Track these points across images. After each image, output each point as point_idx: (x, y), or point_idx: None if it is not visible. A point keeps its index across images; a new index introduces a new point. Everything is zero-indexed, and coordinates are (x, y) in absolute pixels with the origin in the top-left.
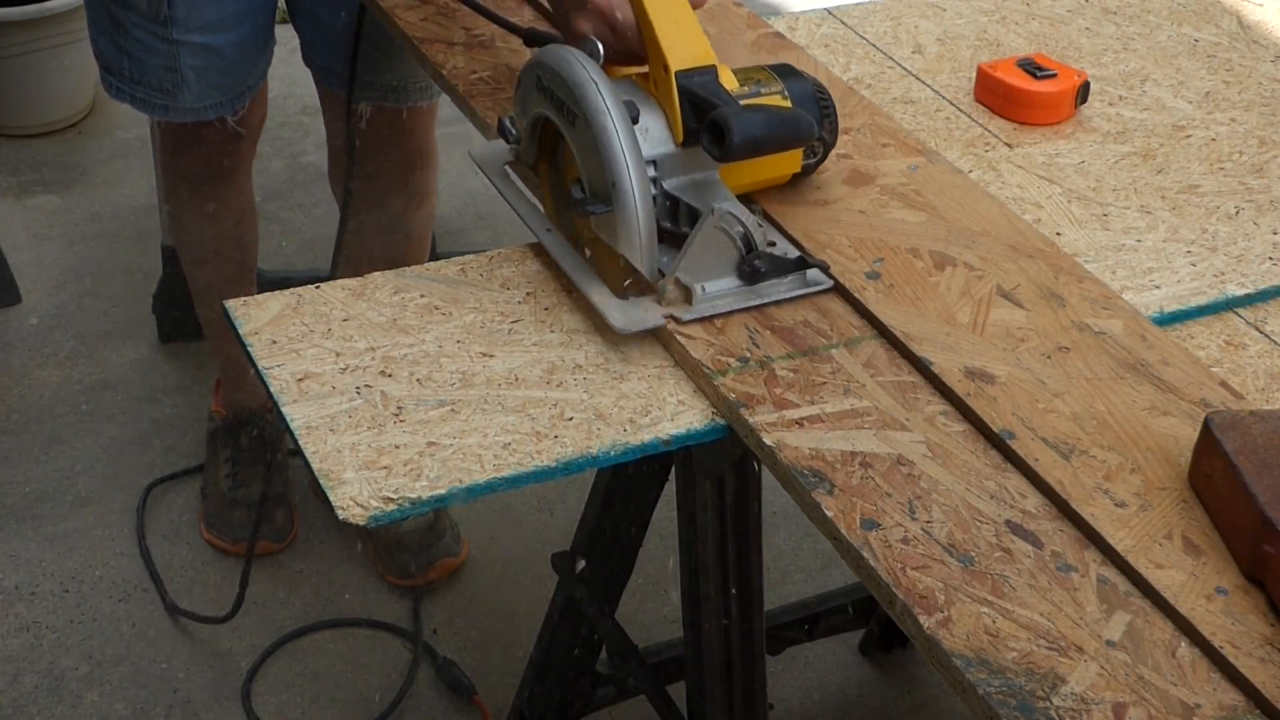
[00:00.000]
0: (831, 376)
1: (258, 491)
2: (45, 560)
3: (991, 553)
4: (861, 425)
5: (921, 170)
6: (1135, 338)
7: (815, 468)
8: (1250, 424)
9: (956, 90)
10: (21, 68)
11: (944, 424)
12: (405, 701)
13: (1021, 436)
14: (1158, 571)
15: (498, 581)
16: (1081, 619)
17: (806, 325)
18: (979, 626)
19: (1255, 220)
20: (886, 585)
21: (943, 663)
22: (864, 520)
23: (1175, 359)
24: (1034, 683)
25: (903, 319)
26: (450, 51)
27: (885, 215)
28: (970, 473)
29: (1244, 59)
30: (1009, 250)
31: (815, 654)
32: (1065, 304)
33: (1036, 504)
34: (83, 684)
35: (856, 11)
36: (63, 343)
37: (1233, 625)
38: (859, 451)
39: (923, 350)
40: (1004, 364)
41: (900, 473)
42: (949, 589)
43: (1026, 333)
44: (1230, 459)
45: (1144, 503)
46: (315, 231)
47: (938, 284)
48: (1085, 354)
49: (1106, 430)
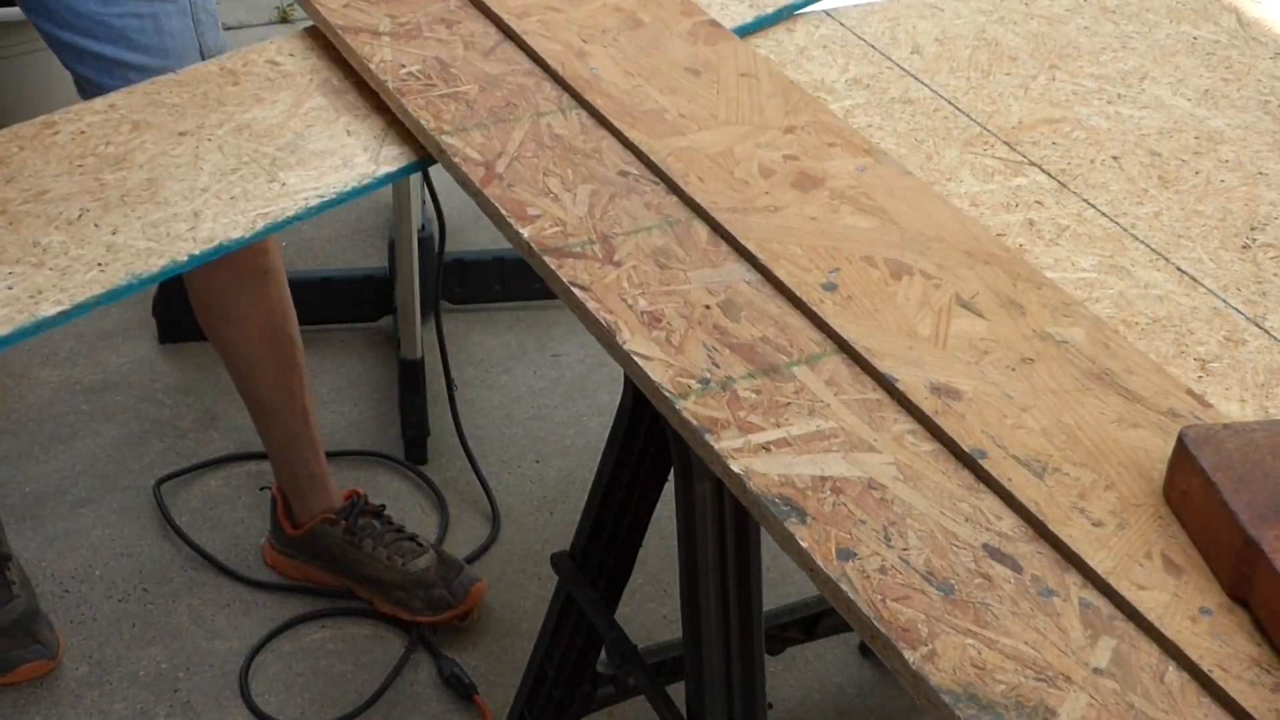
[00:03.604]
0: (795, 396)
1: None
2: (45, 560)
3: (971, 579)
4: (829, 448)
5: (870, 171)
6: (1098, 346)
7: (786, 495)
8: (1224, 438)
9: (954, 90)
10: (21, 68)
11: (913, 444)
12: (406, 702)
13: (993, 455)
14: (1140, 593)
15: (498, 581)
16: (1067, 646)
17: (765, 341)
18: (965, 659)
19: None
20: (868, 619)
21: (930, 699)
22: (839, 550)
23: (1139, 367)
24: (1025, 716)
25: (863, 333)
26: (377, 42)
27: (837, 221)
28: (943, 495)
29: (1243, 56)
30: (964, 256)
31: (815, 654)
32: (1025, 312)
33: (1012, 525)
34: (83, 684)
35: (855, 12)
36: (63, 343)
37: (1220, 647)
38: (829, 476)
39: (886, 366)
40: (969, 378)
41: (872, 497)
42: (931, 620)
43: (989, 344)
44: (1207, 475)
45: (1121, 521)
46: (315, 231)
47: (895, 294)
48: (1049, 364)
49: (1077, 445)
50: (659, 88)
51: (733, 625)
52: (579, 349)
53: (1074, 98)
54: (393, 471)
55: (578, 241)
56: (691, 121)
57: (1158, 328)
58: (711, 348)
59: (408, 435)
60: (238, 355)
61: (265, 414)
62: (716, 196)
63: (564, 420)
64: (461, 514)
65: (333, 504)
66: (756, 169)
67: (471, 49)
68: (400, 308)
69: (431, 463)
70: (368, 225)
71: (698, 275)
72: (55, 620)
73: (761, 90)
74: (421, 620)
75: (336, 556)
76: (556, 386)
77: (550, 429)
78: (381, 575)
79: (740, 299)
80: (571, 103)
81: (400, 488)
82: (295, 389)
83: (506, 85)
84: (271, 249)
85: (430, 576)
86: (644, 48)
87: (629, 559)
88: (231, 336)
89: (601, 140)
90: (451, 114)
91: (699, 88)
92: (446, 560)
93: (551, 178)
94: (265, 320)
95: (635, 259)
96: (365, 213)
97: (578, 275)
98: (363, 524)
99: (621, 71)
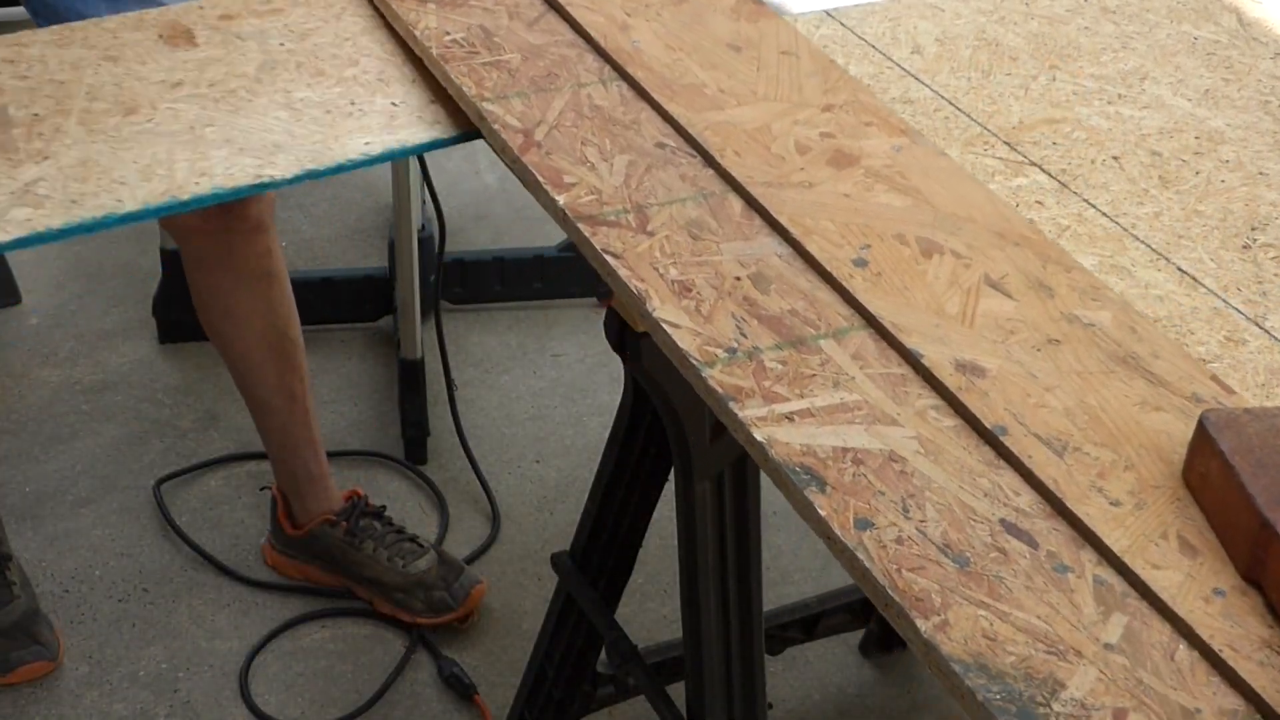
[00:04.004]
0: (820, 368)
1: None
2: (45, 560)
3: (987, 553)
4: (852, 420)
5: (905, 151)
6: (1125, 330)
7: (807, 464)
8: (1245, 422)
9: (955, 90)
10: None
11: (935, 419)
12: (406, 702)
13: (1014, 432)
14: (1155, 572)
15: (498, 581)
16: (1079, 621)
17: (794, 314)
18: (976, 630)
19: None
20: (882, 587)
21: (941, 667)
22: (858, 520)
23: (1165, 352)
24: (1033, 688)
25: (891, 309)
26: (423, 9)
27: (870, 199)
28: (963, 470)
29: (1244, 56)
30: (995, 237)
31: (815, 654)
32: (1054, 294)
33: (1030, 502)
34: (83, 684)
35: (855, 12)
36: (63, 343)
37: (1231, 627)
38: (850, 447)
39: (912, 342)
40: (994, 357)
41: (893, 469)
42: (945, 591)
43: (1016, 324)
44: (1226, 459)
45: (1139, 501)
46: (315, 231)
47: (925, 272)
48: (1075, 346)
49: (1099, 426)
50: (700, 62)
51: (733, 625)
52: (579, 349)
53: (1074, 98)
54: (393, 471)
55: (612, 210)
56: (730, 96)
57: (1158, 328)
58: (740, 318)
59: (408, 435)
60: (238, 356)
61: (265, 415)
62: (752, 171)
63: (564, 420)
64: (461, 514)
65: (333, 505)
66: (793, 145)
67: (516, 19)
68: (400, 308)
69: (431, 463)
70: (368, 225)
71: (730, 247)
72: (55, 620)
73: (801, 68)
74: (422, 622)
75: (337, 557)
76: (556, 386)
77: (550, 429)
78: (382, 576)
79: (771, 272)
80: (613, 74)
81: (400, 488)
82: (296, 390)
83: (549, 55)
84: (275, 251)
85: (431, 578)
86: (686, 23)
87: (629, 559)
88: (232, 336)
89: (640, 112)
90: (493, 82)
91: (739, 64)
92: (447, 561)
93: (589, 147)
94: (267, 322)
95: (669, 229)
96: (365, 213)
97: (610, 243)
98: (363, 525)
99: (663, 45)
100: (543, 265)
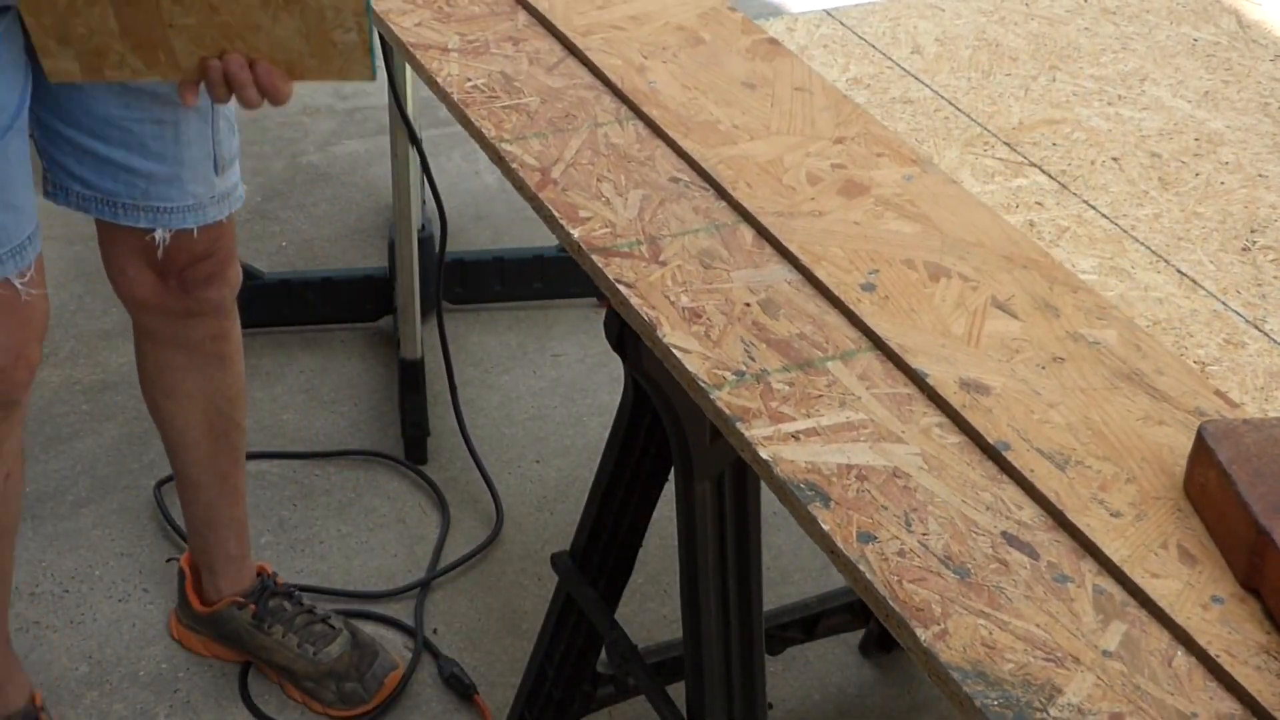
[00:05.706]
0: (827, 389)
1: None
2: (45, 560)
3: (988, 564)
4: (857, 438)
5: (916, 180)
6: (1129, 347)
7: (811, 481)
8: (1244, 432)
9: (955, 90)
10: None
11: (939, 436)
12: (406, 702)
13: (1017, 448)
14: (1154, 581)
15: (498, 581)
16: (1078, 629)
17: (802, 338)
18: (976, 638)
19: None
20: (883, 598)
21: (940, 675)
22: (860, 533)
23: (1169, 368)
24: (1031, 694)
25: (898, 331)
26: (445, 58)
27: (880, 226)
28: (966, 484)
29: (1243, 58)
30: (1003, 261)
31: (815, 654)
32: (1059, 314)
33: (1032, 515)
34: (83, 684)
35: (855, 12)
36: (63, 343)
37: (1229, 634)
38: (855, 464)
39: (918, 362)
40: (999, 375)
41: (896, 485)
42: (945, 601)
43: (1021, 344)
44: (1224, 468)
45: (1139, 513)
46: (315, 231)
47: (932, 295)
48: (1080, 364)
49: (1101, 440)
50: (715, 100)
51: (733, 625)
52: (579, 349)
53: (1074, 99)
54: (393, 471)
55: (626, 242)
56: (744, 132)
57: (1158, 330)
58: (749, 342)
59: (408, 435)
60: (173, 430)
61: (191, 490)
62: (763, 201)
63: (564, 420)
64: (462, 514)
65: (245, 586)
66: (804, 176)
67: (536, 64)
68: (400, 308)
69: (432, 463)
70: (368, 225)
71: (740, 275)
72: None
73: (814, 103)
74: (333, 715)
75: (245, 640)
76: (556, 386)
77: (550, 429)
78: (291, 665)
79: (780, 297)
80: (629, 114)
81: (400, 488)
82: (229, 471)
83: (567, 98)
84: (232, 335)
85: (342, 666)
86: (703, 63)
87: (629, 559)
88: (170, 412)
89: (656, 149)
90: (512, 124)
91: (754, 100)
92: (360, 644)
93: (605, 183)
94: (210, 404)
95: (680, 259)
96: (365, 213)
97: (623, 273)
98: (272, 606)
99: (679, 85)
100: (543, 265)
